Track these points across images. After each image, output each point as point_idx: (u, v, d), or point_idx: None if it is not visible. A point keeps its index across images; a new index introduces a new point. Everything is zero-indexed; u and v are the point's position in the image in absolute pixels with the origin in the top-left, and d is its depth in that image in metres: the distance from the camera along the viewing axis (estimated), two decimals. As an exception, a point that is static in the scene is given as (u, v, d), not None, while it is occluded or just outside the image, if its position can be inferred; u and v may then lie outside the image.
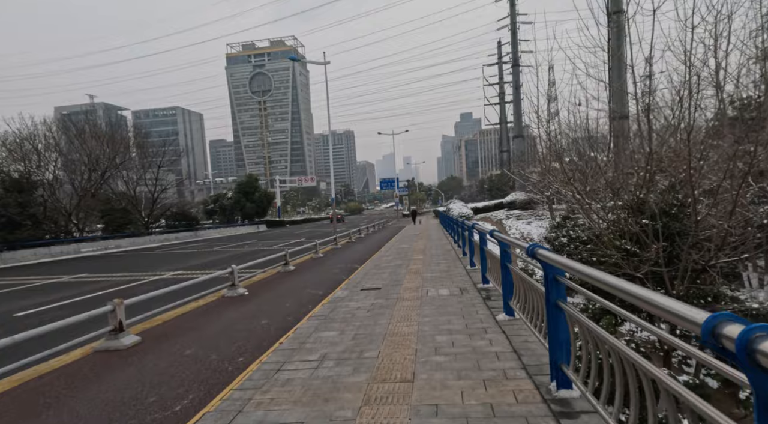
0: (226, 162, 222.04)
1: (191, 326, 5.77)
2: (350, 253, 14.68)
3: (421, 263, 10.19)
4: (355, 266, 10.71)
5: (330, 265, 11.58)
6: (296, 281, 9.13)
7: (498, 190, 60.66)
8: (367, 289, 7.35)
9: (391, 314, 5.46)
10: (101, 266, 16.64)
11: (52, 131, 24.97)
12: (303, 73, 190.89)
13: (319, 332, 4.87)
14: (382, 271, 9.36)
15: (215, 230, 37.61)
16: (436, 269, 9.15)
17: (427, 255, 11.82)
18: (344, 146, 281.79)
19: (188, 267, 14.18)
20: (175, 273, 13.02)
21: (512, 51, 53.37)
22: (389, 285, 7.55)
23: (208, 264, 14.87)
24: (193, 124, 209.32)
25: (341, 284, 8.11)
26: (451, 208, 35.00)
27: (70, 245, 22.49)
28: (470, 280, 7.47)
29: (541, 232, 27.08)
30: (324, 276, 9.54)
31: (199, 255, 19.04)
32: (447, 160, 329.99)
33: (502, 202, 42.09)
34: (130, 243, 25.65)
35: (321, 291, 7.61)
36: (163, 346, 4.91)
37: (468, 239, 8.86)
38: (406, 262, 10.64)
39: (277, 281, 9.17)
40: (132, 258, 19.89)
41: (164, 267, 14.78)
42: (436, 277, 8.07)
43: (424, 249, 13.51)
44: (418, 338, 4.36)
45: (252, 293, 7.98)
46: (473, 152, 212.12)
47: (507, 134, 68.92)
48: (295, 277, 9.70)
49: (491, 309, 5.30)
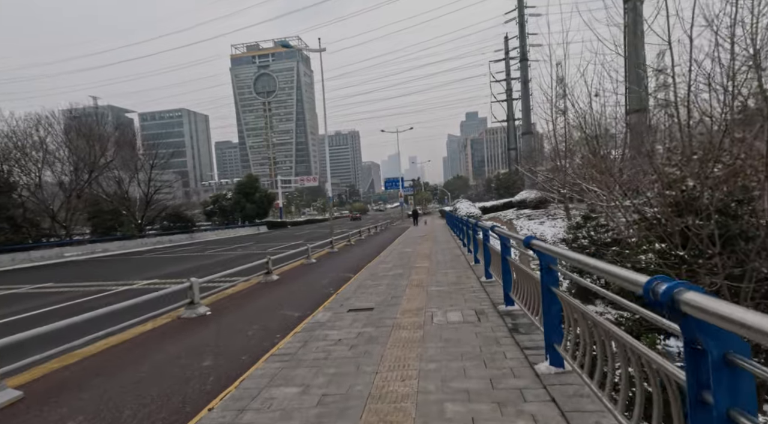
0: (231, 163, 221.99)
1: (108, 368, 4.25)
2: (346, 258, 13.13)
3: (426, 272, 8.61)
4: (348, 276, 9.16)
5: (320, 273, 10.03)
6: (274, 295, 7.59)
7: (506, 189, 58.69)
8: (355, 309, 5.79)
9: (381, 354, 3.89)
10: (74, 273, 15.27)
11: (39, 130, 23.85)
12: (307, 73, 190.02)
13: (275, 386, 3.32)
14: (379, 282, 7.80)
15: (213, 231, 36.28)
16: (443, 280, 7.56)
17: (432, 261, 10.22)
18: (349, 146, 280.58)
19: (165, 275, 12.73)
20: (148, 282, 11.57)
21: (520, 44, 51.49)
22: (384, 304, 5.98)
23: (190, 271, 13.42)
24: (199, 125, 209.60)
25: (327, 300, 6.56)
26: (458, 208, 33.33)
27: (53, 249, 21.20)
28: (488, 298, 5.86)
29: (555, 232, 25.32)
30: (309, 289, 7.99)
31: (185, 260, 17.63)
32: (453, 160, 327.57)
33: (511, 201, 40.27)
34: (120, 246, 24.33)
35: (298, 312, 6.05)
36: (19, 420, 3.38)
37: (483, 245, 7.24)
38: (408, 270, 9.07)
39: (251, 296, 7.65)
40: (113, 263, 18.55)
41: (141, 274, 13.35)
42: (443, 292, 6.48)
43: (429, 254, 11.92)
44: (417, 407, 2.78)
45: (216, 312, 6.47)
46: (479, 151, 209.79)
47: (515, 132, 67.05)
48: (275, 290, 8.16)
49: (524, 349, 3.70)
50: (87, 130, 24.30)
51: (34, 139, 23.06)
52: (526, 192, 37.60)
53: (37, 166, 22.80)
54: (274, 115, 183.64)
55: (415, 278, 7.94)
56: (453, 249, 12.81)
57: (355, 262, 11.73)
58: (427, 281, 7.52)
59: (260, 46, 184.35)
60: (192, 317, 6.20)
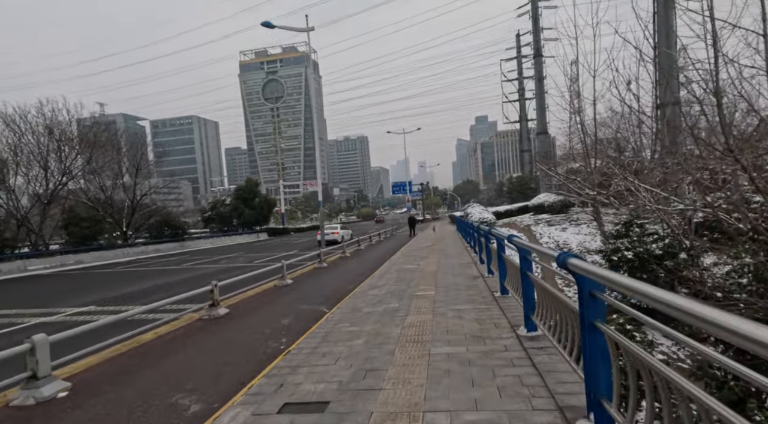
0: (242, 170, 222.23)
1: None
2: (331, 278, 10.51)
3: (430, 308, 5.94)
4: (322, 310, 6.54)
5: (287, 304, 7.42)
6: (190, 353, 4.96)
7: (519, 192, 55.50)
8: (297, 404, 3.15)
9: None
10: (10, 295, 12.97)
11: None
12: (315, 78, 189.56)
13: None
14: (359, 327, 5.16)
15: (207, 239, 34.00)
16: (456, 329, 4.88)
17: (440, 288, 7.54)
18: (358, 151, 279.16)
19: (105, 301, 10.23)
20: (80, 310, 9.13)
21: (534, 40, 48.66)
22: (353, 389, 3.33)
23: (141, 293, 10.96)
24: (209, 132, 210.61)
25: (264, 369, 3.95)
26: (469, 213, 30.50)
27: (14, 262, 19.01)
28: (539, 380, 3.16)
29: (581, 240, 22.36)
30: (252, 340, 5.35)
31: (154, 276, 15.21)
32: (462, 164, 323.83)
33: (527, 205, 37.27)
34: (96, 258, 22.06)
35: (200, 404, 3.43)
36: None
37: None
38: (405, 303, 6.41)
39: (154, 355, 5.02)
40: (72, 279, 16.24)
41: (83, 297, 10.91)
42: (456, 358, 3.81)
43: (436, 274, 9.23)
44: None
45: (77, 391, 3.90)
46: (489, 155, 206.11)
47: (528, 133, 64.00)
48: (204, 338, 5.56)
49: None
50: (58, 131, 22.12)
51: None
52: (544, 195, 34.58)
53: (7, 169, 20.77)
54: (283, 120, 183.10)
55: (414, 321, 5.27)
56: (466, 267, 10.08)
57: (340, 284, 9.11)
58: (431, 330, 4.85)
59: (268, 52, 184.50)
60: (31, 404, 3.64)
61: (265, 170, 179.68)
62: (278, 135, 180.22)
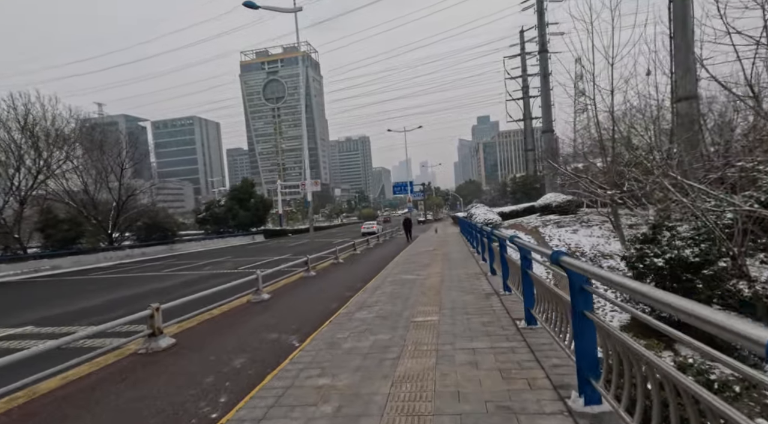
0: (242, 170, 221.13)
1: None
2: (316, 291, 8.99)
3: (432, 349, 4.40)
4: (292, 344, 5.02)
5: (250, 332, 5.89)
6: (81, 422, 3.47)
7: (523, 193, 53.79)
8: None
9: None
10: None
11: None
12: (317, 79, 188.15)
13: None
14: (334, 380, 3.64)
15: (199, 241, 32.51)
16: (474, 391, 3.35)
17: (444, 310, 6.00)
18: (360, 152, 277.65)
19: (46, 320, 8.72)
20: (12, 332, 7.65)
21: (539, 35, 47.06)
22: None
23: (97, 309, 9.48)
24: (210, 132, 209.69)
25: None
26: (473, 214, 28.90)
27: (-22, 268, 17.61)
28: None
29: (594, 242, 20.79)
30: (181, 397, 3.83)
31: (126, 284, 13.73)
32: (464, 165, 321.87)
33: (533, 205, 35.68)
34: (74, 262, 20.60)
35: None
36: None
37: (572, 316, 2.99)
38: (400, 335, 4.88)
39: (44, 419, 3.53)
40: (34, 287, 14.77)
41: (25, 314, 9.41)
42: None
43: (440, 289, 7.68)
44: None
45: None
46: (492, 155, 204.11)
47: (532, 131, 62.33)
48: (117, 393, 4.04)
49: None
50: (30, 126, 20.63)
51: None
52: (551, 195, 32.98)
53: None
54: (283, 121, 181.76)
55: (408, 372, 3.73)
56: (474, 279, 8.53)
57: (323, 301, 7.58)
58: (434, 389, 3.30)
59: (269, 52, 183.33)
60: None
61: (266, 171, 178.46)
62: (279, 135, 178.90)
